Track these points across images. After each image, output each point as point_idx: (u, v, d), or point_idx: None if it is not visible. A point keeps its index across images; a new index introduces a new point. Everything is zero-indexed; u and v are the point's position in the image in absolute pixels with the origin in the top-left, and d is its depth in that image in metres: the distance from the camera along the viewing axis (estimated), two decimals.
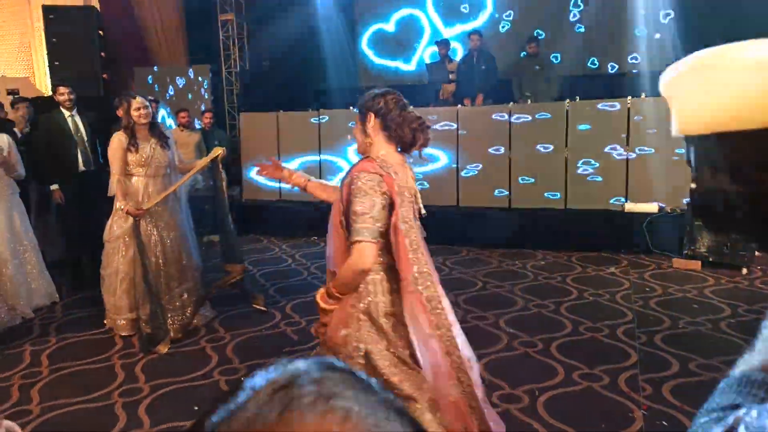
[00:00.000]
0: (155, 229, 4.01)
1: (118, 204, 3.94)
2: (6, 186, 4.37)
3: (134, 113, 4.01)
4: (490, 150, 6.31)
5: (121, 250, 4.03)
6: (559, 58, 7.79)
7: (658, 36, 7.52)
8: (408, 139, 2.01)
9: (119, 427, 2.83)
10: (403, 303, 1.97)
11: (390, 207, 1.91)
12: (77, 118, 5.13)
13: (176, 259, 4.09)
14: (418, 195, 2.10)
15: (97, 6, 8.74)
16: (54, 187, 5.00)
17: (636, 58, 7.65)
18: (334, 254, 2.08)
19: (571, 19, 7.95)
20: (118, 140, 4.00)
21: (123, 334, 4.00)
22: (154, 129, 4.09)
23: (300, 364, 0.40)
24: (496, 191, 6.29)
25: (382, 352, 1.98)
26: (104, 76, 8.19)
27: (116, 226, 4.03)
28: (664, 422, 2.73)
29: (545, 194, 6.12)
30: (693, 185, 0.73)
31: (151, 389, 3.20)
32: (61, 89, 5.08)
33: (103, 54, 8.15)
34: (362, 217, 1.86)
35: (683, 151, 0.84)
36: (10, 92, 6.20)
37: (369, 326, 1.99)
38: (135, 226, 3.85)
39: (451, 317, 2.09)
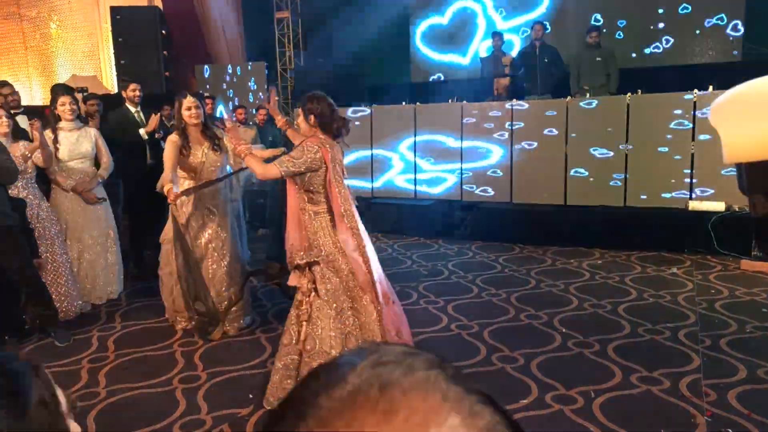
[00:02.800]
0: (203, 229, 3.91)
1: (166, 188, 3.68)
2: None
3: (185, 113, 3.82)
4: (545, 144, 6.17)
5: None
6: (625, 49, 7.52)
7: (727, 30, 7.15)
8: (336, 130, 2.97)
9: (179, 411, 2.94)
10: (337, 229, 2.90)
11: (325, 169, 2.86)
12: (142, 114, 5.34)
13: (223, 261, 3.97)
14: (343, 164, 3.03)
15: (161, 6, 9.08)
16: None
17: (711, 50, 7.31)
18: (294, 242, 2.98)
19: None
20: (172, 142, 3.81)
21: (181, 326, 4.10)
22: (207, 130, 3.90)
23: (396, 347, 0.41)
24: (557, 186, 6.15)
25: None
26: (166, 73, 8.50)
27: (172, 228, 3.86)
28: (729, 430, 2.60)
29: (611, 183, 5.94)
30: (748, 211, 0.73)
31: (209, 376, 3.31)
32: (133, 86, 5.30)
33: (165, 52, 8.46)
34: (290, 157, 2.83)
35: None
36: (80, 90, 6.52)
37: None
38: (178, 224, 3.72)
39: (367, 240, 2.95)
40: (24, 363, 0.63)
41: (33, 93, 10.96)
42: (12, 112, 4.68)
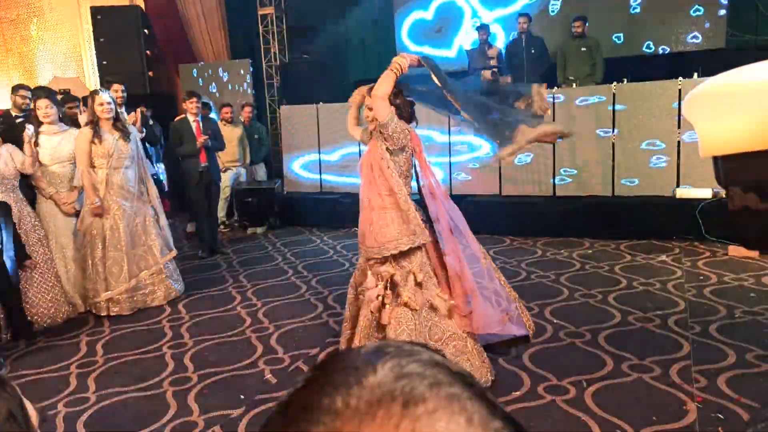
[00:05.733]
0: (108, 221, 4.40)
1: (86, 198, 4.35)
2: None
3: (98, 108, 4.31)
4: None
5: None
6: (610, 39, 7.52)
7: (710, 17, 7.18)
8: (407, 115, 3.03)
9: (170, 414, 2.91)
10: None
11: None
12: (126, 115, 5.28)
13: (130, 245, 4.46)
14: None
15: (142, 5, 8.97)
16: None
17: (695, 37, 7.32)
18: (366, 231, 2.88)
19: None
20: (84, 134, 4.32)
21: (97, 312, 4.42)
22: (117, 123, 4.42)
23: (418, 352, 0.38)
24: (554, 177, 6.16)
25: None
26: (150, 73, 8.41)
27: (86, 218, 4.40)
28: (719, 415, 2.62)
29: (623, 181, 5.95)
30: (727, 204, 0.73)
31: (200, 378, 3.28)
32: (116, 86, 5.25)
33: (148, 52, 8.37)
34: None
35: None
36: (62, 92, 6.43)
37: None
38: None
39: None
40: None
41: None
42: (22, 115, 4.77)
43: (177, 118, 5.99)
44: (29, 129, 4.20)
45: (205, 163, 5.77)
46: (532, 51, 7.00)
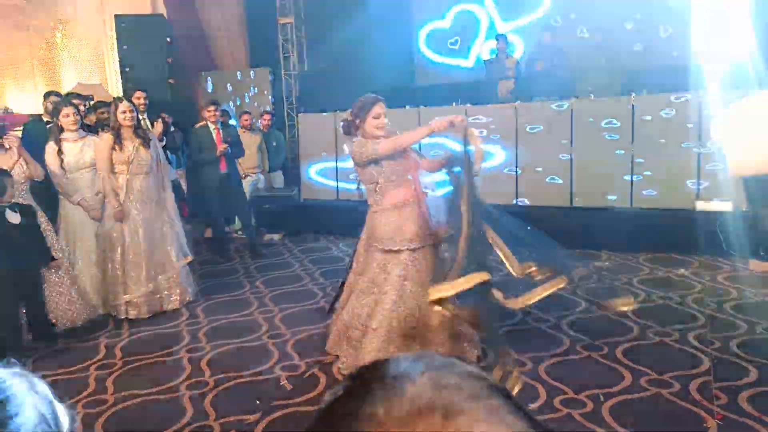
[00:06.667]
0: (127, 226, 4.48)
1: (108, 203, 4.45)
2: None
3: (120, 115, 4.39)
4: (550, 147, 6.15)
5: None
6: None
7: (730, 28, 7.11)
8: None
9: (187, 418, 2.94)
10: None
11: None
12: (148, 122, 5.36)
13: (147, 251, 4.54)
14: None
15: (165, 14, 9.11)
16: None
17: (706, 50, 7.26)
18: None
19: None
20: (104, 140, 4.41)
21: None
22: (138, 130, 4.50)
23: (456, 364, 0.39)
24: (561, 187, 6.13)
25: None
26: (171, 81, 8.53)
27: (106, 223, 4.49)
28: None
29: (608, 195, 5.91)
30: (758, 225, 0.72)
31: (216, 383, 3.31)
32: (138, 93, 5.34)
33: (170, 60, 8.49)
34: None
35: None
36: (86, 98, 6.54)
37: None
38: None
39: None
40: (21, 380, 0.62)
41: (39, 102, 11.03)
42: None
43: (197, 125, 6.07)
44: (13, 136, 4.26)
45: (225, 170, 5.84)
46: (554, 62, 6.99)
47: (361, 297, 3.36)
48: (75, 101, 4.85)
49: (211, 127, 5.86)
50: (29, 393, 0.61)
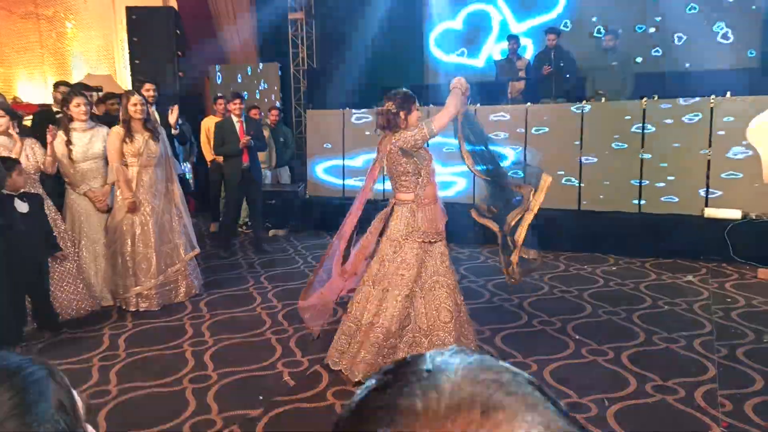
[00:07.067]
0: (137, 218, 4.48)
1: (120, 193, 4.45)
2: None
3: (131, 108, 4.43)
4: (557, 148, 6.13)
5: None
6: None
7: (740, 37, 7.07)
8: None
9: (189, 411, 2.93)
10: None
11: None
12: (157, 114, 5.36)
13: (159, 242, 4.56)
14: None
15: (175, 6, 9.12)
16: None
17: (726, 56, 7.22)
18: None
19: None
20: (116, 133, 4.43)
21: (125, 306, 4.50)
22: (148, 123, 4.53)
23: (488, 359, 0.38)
24: (569, 190, 6.10)
25: None
26: (180, 73, 8.54)
27: (118, 214, 4.48)
28: None
29: (633, 200, 5.88)
30: None
31: (219, 377, 3.30)
32: (147, 85, 5.33)
33: (179, 52, 8.50)
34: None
35: None
36: (94, 89, 6.55)
37: None
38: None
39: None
40: (41, 367, 0.61)
41: (48, 92, 11.06)
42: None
43: (208, 118, 6.08)
44: (55, 129, 4.27)
45: (247, 163, 5.86)
46: (561, 64, 6.95)
47: (403, 300, 3.20)
48: (85, 92, 4.85)
49: (235, 120, 5.89)
50: (49, 380, 0.61)
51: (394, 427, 0.34)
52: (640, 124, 5.78)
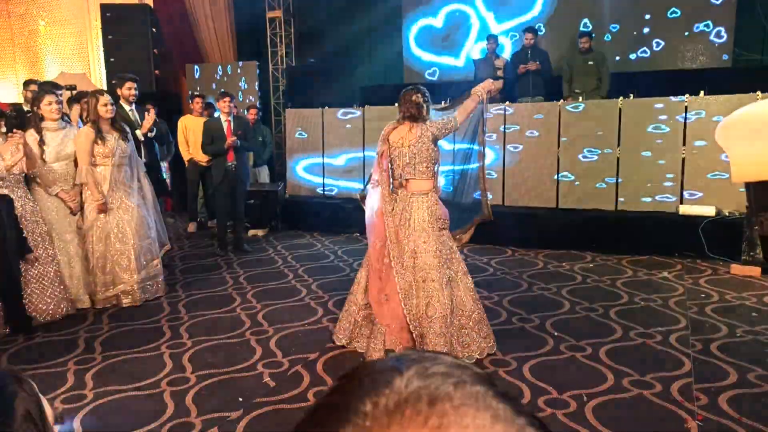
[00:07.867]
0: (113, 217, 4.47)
1: (90, 195, 4.38)
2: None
3: (101, 108, 4.37)
4: (536, 147, 6.18)
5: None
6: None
7: (715, 36, 7.21)
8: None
9: (168, 414, 2.89)
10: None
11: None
12: (136, 113, 5.27)
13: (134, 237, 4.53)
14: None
15: (151, 4, 8.99)
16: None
17: (701, 55, 7.35)
18: None
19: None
20: (85, 134, 4.36)
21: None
22: (116, 123, 4.50)
23: (442, 357, 0.39)
24: (551, 184, 6.16)
25: None
26: (156, 72, 8.42)
27: (90, 215, 4.41)
28: None
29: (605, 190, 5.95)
30: (756, 228, 0.71)
31: (198, 379, 3.27)
32: (129, 83, 5.20)
33: (155, 51, 8.38)
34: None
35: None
36: (68, 88, 6.42)
37: None
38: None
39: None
40: (5, 374, 0.60)
41: (20, 91, 10.81)
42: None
43: (184, 117, 6.01)
44: (20, 133, 3.99)
45: (232, 161, 5.81)
46: (538, 62, 7.01)
47: (438, 288, 3.36)
48: (55, 90, 4.74)
49: (223, 118, 5.83)
50: (15, 391, 0.59)
51: (345, 427, 0.35)
52: (617, 123, 5.86)
